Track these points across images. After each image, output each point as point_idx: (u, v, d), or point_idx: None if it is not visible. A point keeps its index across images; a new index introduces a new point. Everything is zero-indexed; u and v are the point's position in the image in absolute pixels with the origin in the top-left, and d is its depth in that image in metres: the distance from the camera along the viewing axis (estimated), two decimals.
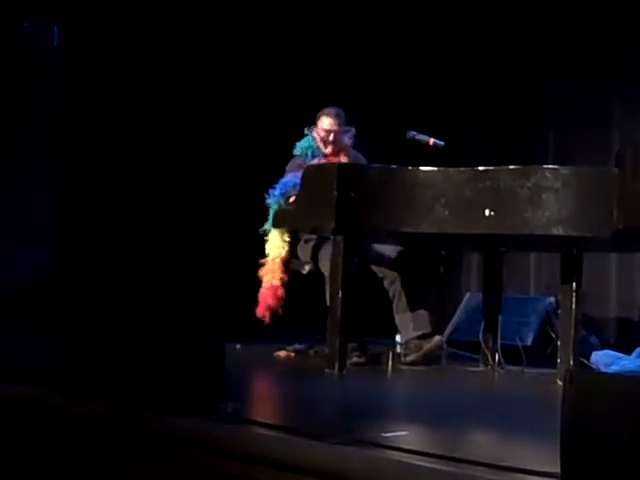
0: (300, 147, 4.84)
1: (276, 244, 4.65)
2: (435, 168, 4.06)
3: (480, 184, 3.94)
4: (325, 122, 4.78)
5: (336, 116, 4.78)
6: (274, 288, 4.62)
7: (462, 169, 4.01)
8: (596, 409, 1.68)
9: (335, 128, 4.76)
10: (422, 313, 4.63)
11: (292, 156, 4.86)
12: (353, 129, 4.81)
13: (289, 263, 4.68)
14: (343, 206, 4.05)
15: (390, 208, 4.05)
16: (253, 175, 6.35)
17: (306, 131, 4.82)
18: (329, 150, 4.77)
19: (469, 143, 6.26)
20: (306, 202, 4.27)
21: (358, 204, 4.07)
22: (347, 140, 4.80)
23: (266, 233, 4.69)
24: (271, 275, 4.63)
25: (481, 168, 3.98)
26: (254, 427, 2.42)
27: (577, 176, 3.85)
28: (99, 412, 2.57)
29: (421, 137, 4.66)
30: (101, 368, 2.68)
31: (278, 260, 4.64)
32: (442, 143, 4.63)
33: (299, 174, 4.47)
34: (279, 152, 4.97)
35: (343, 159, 4.74)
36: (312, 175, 4.31)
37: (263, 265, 4.67)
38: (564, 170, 3.88)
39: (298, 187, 4.42)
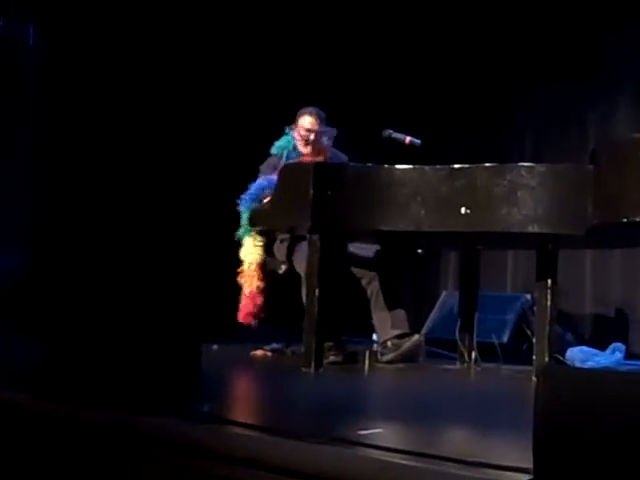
0: (277, 147, 4.84)
1: (250, 250, 4.66)
2: (411, 166, 4.07)
3: (456, 182, 3.95)
4: (307, 121, 4.78)
5: (317, 116, 4.78)
6: (253, 295, 4.63)
7: (438, 167, 4.03)
8: (568, 404, 1.70)
9: (316, 128, 4.76)
10: (400, 312, 4.64)
11: (269, 155, 4.86)
12: (335, 130, 4.82)
13: (265, 267, 4.69)
14: (319, 205, 4.05)
15: (366, 206, 4.06)
16: (233, 173, 6.35)
17: (287, 130, 4.82)
18: (308, 150, 4.77)
19: (446, 141, 6.28)
20: (283, 201, 4.27)
21: (334, 203, 4.07)
22: (326, 141, 4.81)
23: (240, 239, 4.69)
24: (249, 281, 4.64)
25: (457, 166, 3.99)
26: (230, 427, 2.42)
27: (552, 174, 3.87)
28: (76, 413, 2.56)
29: (397, 135, 4.68)
30: (79, 369, 2.66)
31: (254, 266, 4.64)
32: (419, 141, 4.65)
33: (271, 177, 4.48)
34: (257, 151, 4.96)
35: (319, 159, 4.74)
36: (289, 174, 4.31)
37: (241, 272, 4.67)
38: (540, 168, 3.90)
39: (269, 190, 4.43)
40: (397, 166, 4.08)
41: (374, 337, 4.86)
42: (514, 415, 2.76)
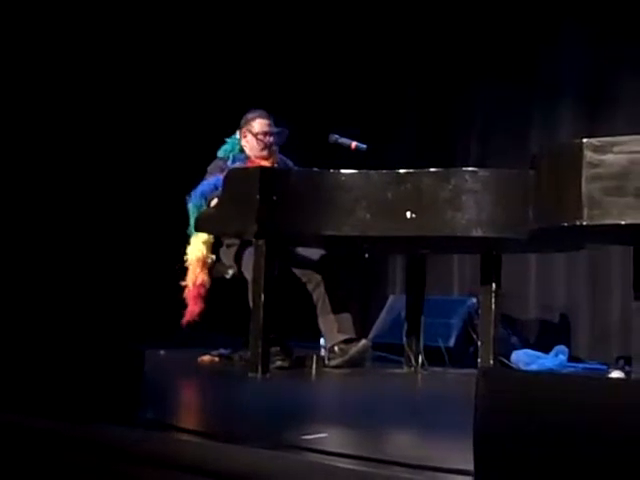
0: (223, 149, 4.83)
1: (195, 246, 4.69)
2: (357, 171, 4.09)
3: (401, 187, 3.97)
4: (263, 124, 4.77)
5: (269, 118, 4.78)
6: (196, 288, 4.65)
7: (383, 172, 4.04)
8: (508, 406, 1.71)
9: (272, 130, 4.76)
10: (346, 317, 4.65)
11: (214, 157, 4.84)
12: (286, 130, 4.82)
13: (206, 264, 4.68)
14: (265, 210, 4.04)
15: (312, 211, 4.06)
16: (175, 177, 6.30)
17: (237, 134, 4.81)
18: (265, 153, 4.75)
19: (392, 146, 6.31)
20: (228, 206, 4.25)
21: (280, 207, 4.07)
22: (277, 142, 4.81)
23: (190, 236, 4.69)
24: (191, 276, 4.67)
25: (402, 171, 4.01)
26: (174, 433, 2.40)
27: (495, 178, 3.91)
28: (14, 421, 2.52)
29: (343, 140, 4.69)
30: (16, 376, 2.62)
31: (194, 262, 4.67)
32: (364, 146, 4.67)
33: (220, 176, 4.46)
34: (202, 152, 4.94)
35: (265, 163, 4.73)
36: (234, 179, 4.29)
37: (186, 269, 4.67)
38: (483, 172, 3.94)
39: (218, 189, 4.41)
40: (342, 171, 4.09)
41: (321, 341, 4.86)
42: (459, 418, 2.76)
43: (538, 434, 1.65)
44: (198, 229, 4.53)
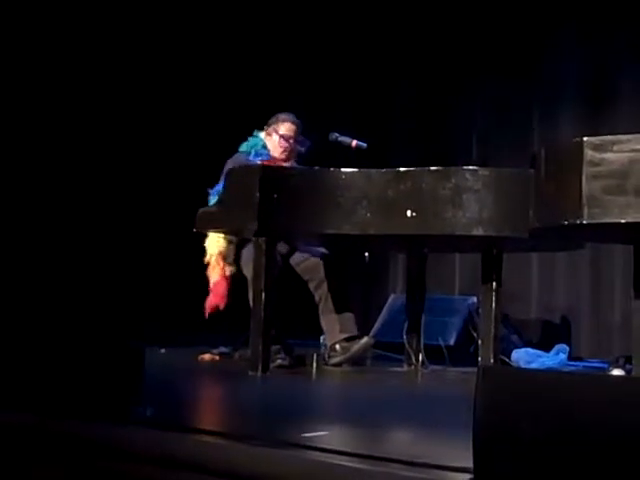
0: (246, 145, 4.83)
1: (213, 241, 4.69)
2: (357, 169, 4.09)
3: (402, 185, 3.98)
4: (291, 129, 4.78)
5: (299, 126, 4.80)
6: (218, 282, 4.67)
7: (384, 170, 4.05)
8: (508, 404, 1.71)
9: (297, 137, 4.78)
10: (348, 315, 4.65)
11: (221, 155, 4.83)
12: (309, 142, 4.83)
13: (226, 257, 4.69)
14: (266, 208, 4.04)
15: (312, 210, 4.06)
16: (177, 175, 6.30)
17: (255, 132, 4.81)
18: (283, 157, 4.76)
19: (394, 145, 6.31)
20: (229, 203, 4.25)
21: (281, 206, 4.06)
22: (298, 150, 4.83)
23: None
24: (213, 271, 4.68)
25: (402, 169, 4.02)
26: (173, 431, 2.39)
27: (496, 177, 3.92)
28: (13, 419, 2.52)
29: (344, 139, 4.69)
30: (16, 372, 2.62)
31: (215, 256, 4.68)
32: (364, 145, 4.67)
33: None
34: (215, 150, 4.94)
35: (285, 165, 4.74)
36: (235, 176, 4.29)
37: (208, 265, 4.70)
38: (483, 171, 3.95)
39: None
40: (343, 169, 4.09)
41: (322, 340, 4.85)
42: (459, 416, 2.76)
43: (538, 432, 1.65)
44: (198, 227, 4.52)
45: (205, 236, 4.72)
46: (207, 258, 4.71)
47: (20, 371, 2.63)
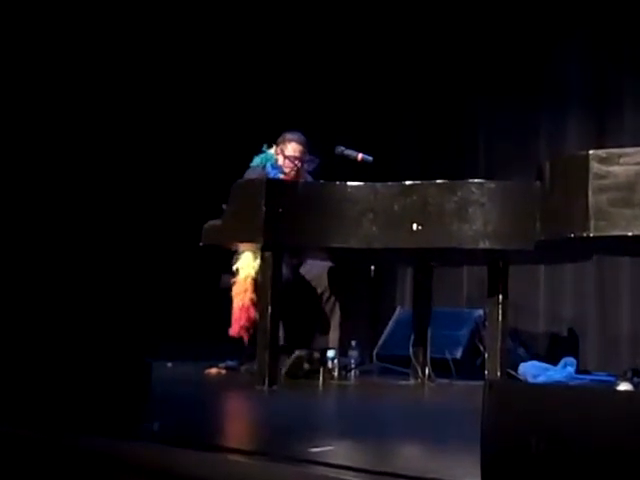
0: (260, 159, 4.83)
1: (248, 263, 4.60)
2: (362, 183, 4.09)
3: (408, 199, 3.98)
4: (296, 149, 4.79)
5: (305, 145, 4.80)
6: (246, 308, 4.57)
7: (390, 184, 4.05)
8: (515, 418, 1.71)
9: (304, 157, 4.78)
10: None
11: (247, 167, 4.83)
12: (317, 159, 4.83)
13: (257, 282, 4.55)
14: (272, 222, 4.04)
15: (318, 224, 4.06)
16: (190, 190, 6.30)
17: (264, 148, 4.82)
18: (292, 175, 4.78)
19: (399, 158, 6.32)
20: (234, 217, 4.24)
21: (286, 220, 4.06)
22: (306, 168, 4.84)
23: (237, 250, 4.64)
24: (243, 295, 4.59)
25: (408, 183, 4.02)
26: (180, 446, 2.39)
27: (502, 190, 3.91)
28: (21, 433, 2.52)
29: (349, 152, 4.70)
30: (22, 386, 2.62)
31: (249, 279, 4.58)
32: (370, 158, 4.67)
33: None
34: (231, 166, 4.94)
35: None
36: (240, 190, 4.29)
37: (234, 284, 4.62)
38: (489, 184, 3.94)
39: None
40: (349, 183, 4.10)
41: (329, 353, 4.84)
42: (466, 430, 2.76)
43: (545, 446, 1.65)
44: (204, 241, 4.52)
45: (234, 253, 4.63)
46: (239, 277, 4.61)
47: (27, 386, 2.63)
